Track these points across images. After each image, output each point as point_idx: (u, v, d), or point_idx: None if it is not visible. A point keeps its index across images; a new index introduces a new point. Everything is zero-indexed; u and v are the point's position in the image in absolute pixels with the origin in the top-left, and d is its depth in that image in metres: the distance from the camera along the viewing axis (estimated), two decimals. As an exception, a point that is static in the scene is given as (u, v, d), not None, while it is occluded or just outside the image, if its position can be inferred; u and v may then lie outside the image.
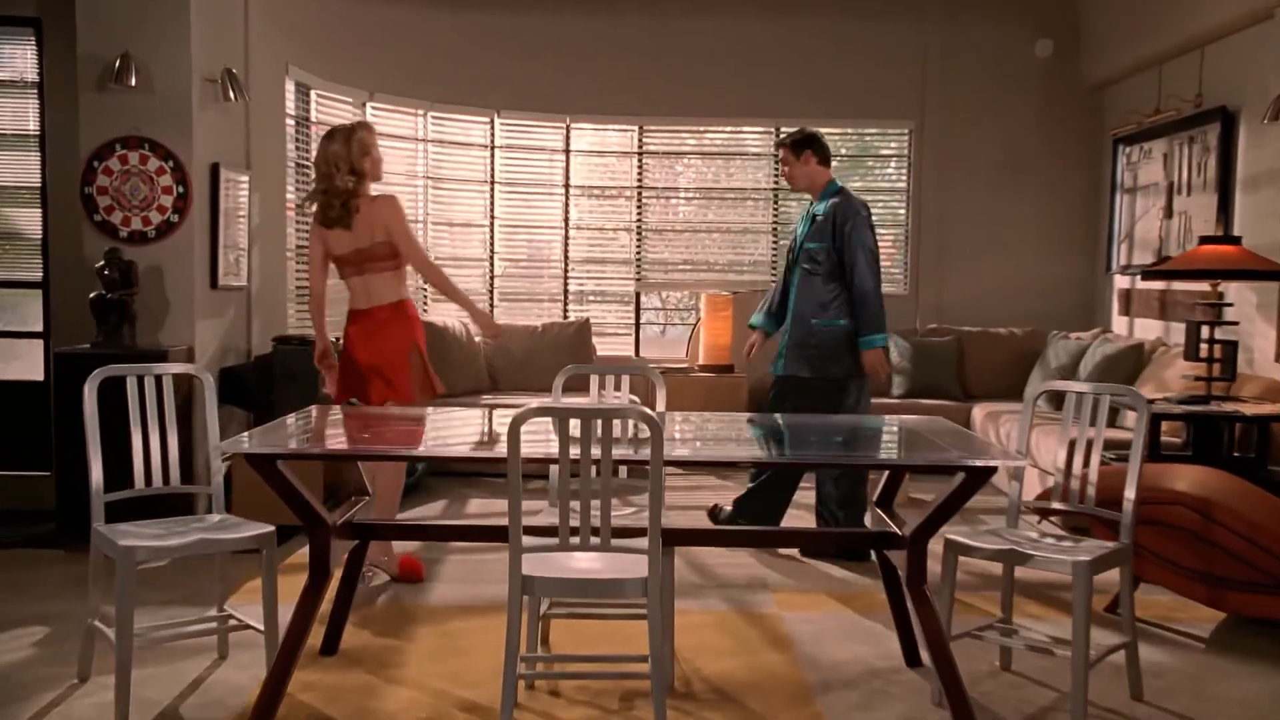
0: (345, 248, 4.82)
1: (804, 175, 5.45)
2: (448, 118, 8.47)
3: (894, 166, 9.07)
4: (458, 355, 7.83)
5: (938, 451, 3.43)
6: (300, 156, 7.35)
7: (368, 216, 4.77)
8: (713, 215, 9.08)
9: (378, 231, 4.78)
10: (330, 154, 4.74)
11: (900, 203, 8.97)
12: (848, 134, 9.04)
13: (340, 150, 4.75)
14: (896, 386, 8.21)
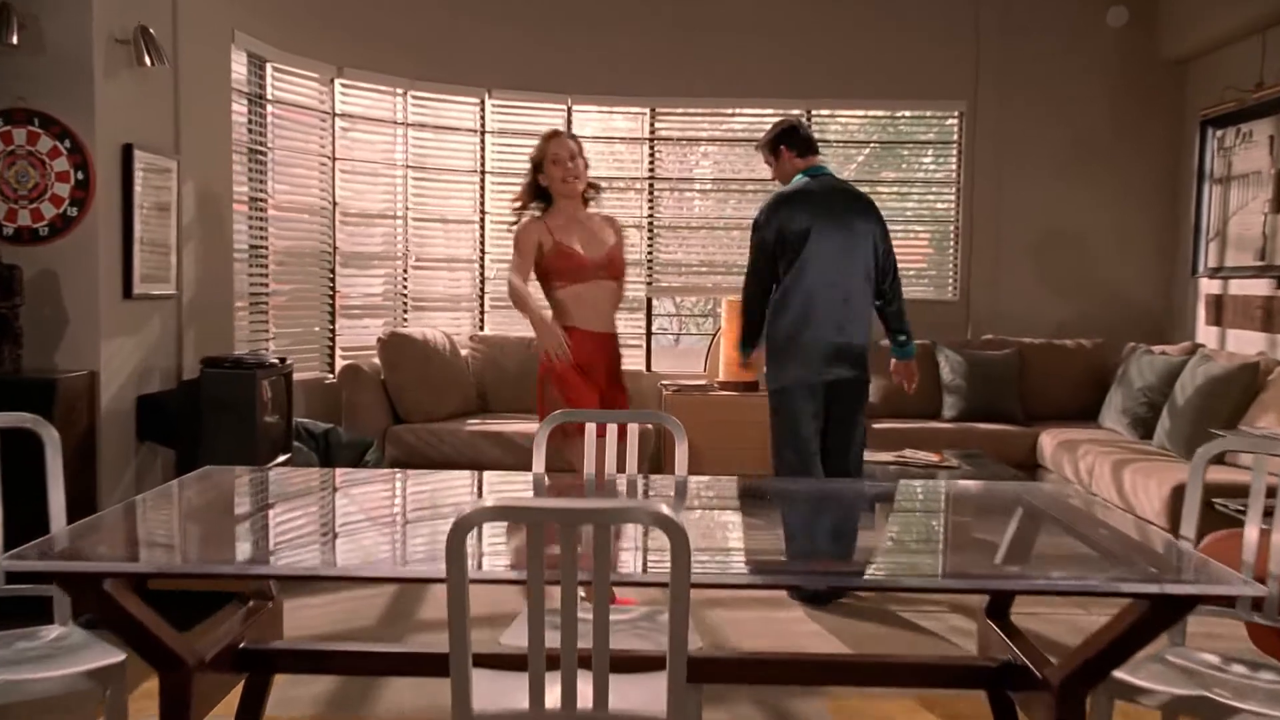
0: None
1: (783, 174, 5.11)
2: (431, 98, 7.38)
3: (932, 155, 7.94)
4: (440, 371, 6.74)
5: (1115, 563, 2.32)
6: (255, 140, 6.27)
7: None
8: (733, 210, 7.98)
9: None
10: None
11: (946, 195, 7.85)
12: (878, 119, 7.92)
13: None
14: (948, 408, 7.10)
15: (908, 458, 5.86)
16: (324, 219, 6.84)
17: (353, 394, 6.47)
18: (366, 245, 7.19)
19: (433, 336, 6.83)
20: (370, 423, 6.45)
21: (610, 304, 4.50)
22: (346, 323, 7.05)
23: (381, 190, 7.25)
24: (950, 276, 7.89)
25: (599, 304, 4.42)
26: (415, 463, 6.41)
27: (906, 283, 7.96)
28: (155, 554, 2.41)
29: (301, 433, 5.88)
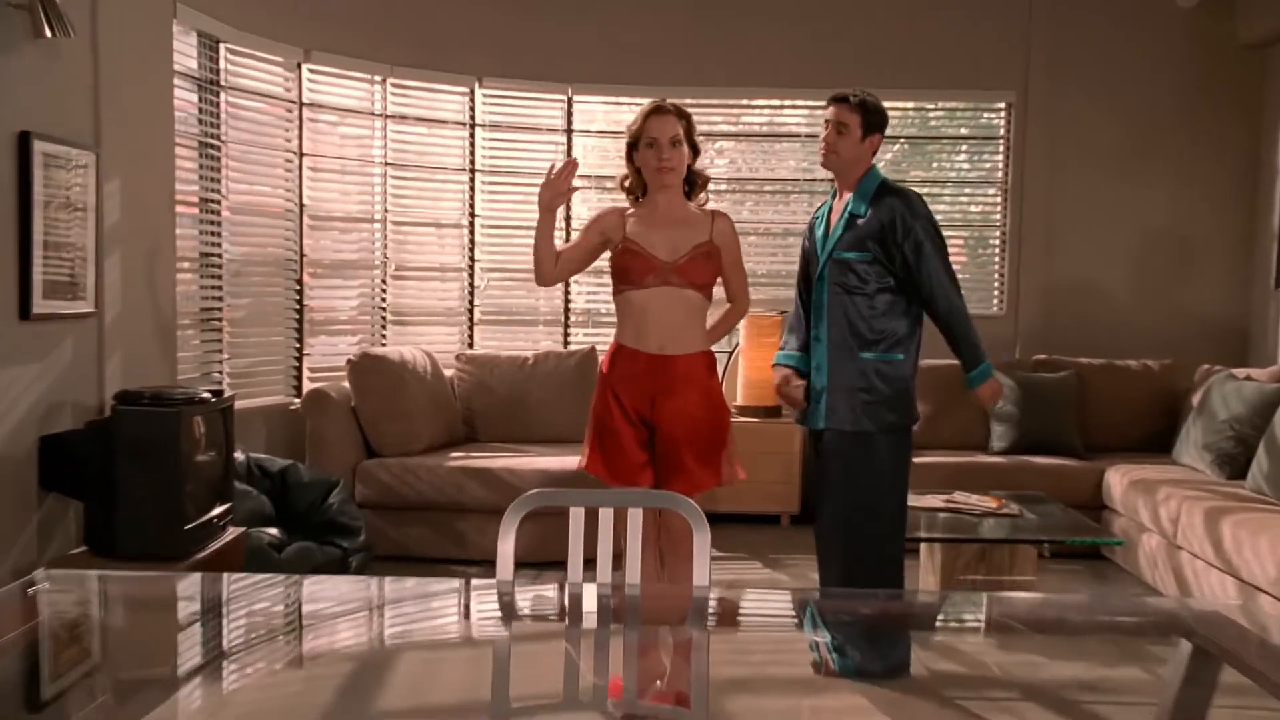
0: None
1: (855, 157, 3.89)
2: (413, 87, 6.56)
3: (967, 152, 7.10)
4: (420, 396, 5.90)
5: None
6: (206, 133, 5.45)
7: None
8: (750, 213, 7.15)
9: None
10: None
11: (984, 196, 7.00)
12: (907, 111, 7.08)
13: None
14: (997, 439, 6.25)
15: (958, 503, 5.01)
16: (289, 223, 6.02)
17: (318, 424, 5.64)
18: (339, 253, 6.36)
19: (412, 356, 5.99)
20: (338, 457, 5.62)
21: (681, 320, 3.74)
22: (316, 341, 6.22)
23: (356, 191, 6.43)
24: (995, 288, 7.04)
25: (662, 317, 3.72)
26: (389, 503, 5.58)
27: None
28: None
29: (253, 471, 5.06)
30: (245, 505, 4.68)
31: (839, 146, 3.86)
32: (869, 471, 3.93)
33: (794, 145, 7.13)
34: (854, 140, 3.86)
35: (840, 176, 3.94)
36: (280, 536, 4.69)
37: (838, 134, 3.84)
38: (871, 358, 3.87)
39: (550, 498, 2.37)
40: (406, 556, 5.58)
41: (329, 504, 5.13)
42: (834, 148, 3.87)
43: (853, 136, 3.85)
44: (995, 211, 7.01)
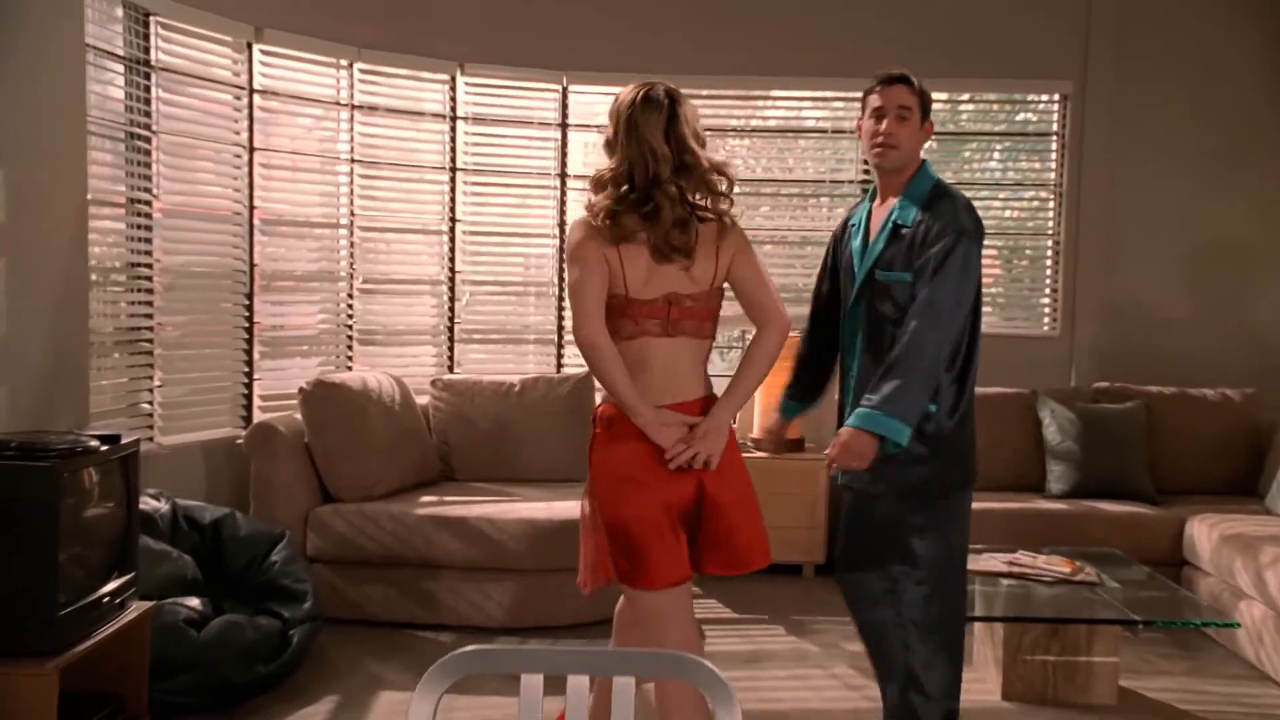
0: (654, 289, 2.82)
1: (911, 149, 3.16)
2: (385, 73, 5.73)
3: (1000, 153, 6.28)
4: (386, 430, 5.07)
5: None
6: (136, 120, 4.64)
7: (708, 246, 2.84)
8: (765, 219, 6.33)
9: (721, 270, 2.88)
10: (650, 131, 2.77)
11: (1032, 200, 6.17)
12: (942, 104, 6.26)
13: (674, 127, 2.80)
14: (1055, 479, 5.41)
15: (1023, 566, 4.18)
16: (236, 227, 5.19)
17: (264, 464, 4.81)
18: (297, 263, 5.53)
19: (377, 383, 5.16)
20: (287, 503, 4.79)
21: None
22: (269, 365, 5.39)
23: (318, 191, 5.60)
24: (1046, 304, 6.20)
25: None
26: (346, 557, 4.74)
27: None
28: None
29: (179, 524, 4.23)
30: (161, 570, 3.84)
31: (902, 138, 3.12)
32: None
33: (816, 142, 6.30)
34: (915, 128, 3.16)
35: (895, 176, 3.18)
36: (202, 609, 3.85)
37: (900, 121, 3.12)
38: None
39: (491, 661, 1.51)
40: (364, 620, 4.74)
41: (270, 562, 4.30)
42: (895, 140, 3.11)
43: (914, 123, 3.15)
44: (1043, 217, 6.17)
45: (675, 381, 2.83)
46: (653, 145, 2.73)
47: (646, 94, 2.78)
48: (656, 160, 2.73)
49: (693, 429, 2.79)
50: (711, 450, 2.78)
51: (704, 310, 2.86)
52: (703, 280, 2.82)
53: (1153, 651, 4.52)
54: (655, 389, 2.81)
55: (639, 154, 2.75)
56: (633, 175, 2.75)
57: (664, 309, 2.79)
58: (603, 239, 2.77)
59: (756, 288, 2.86)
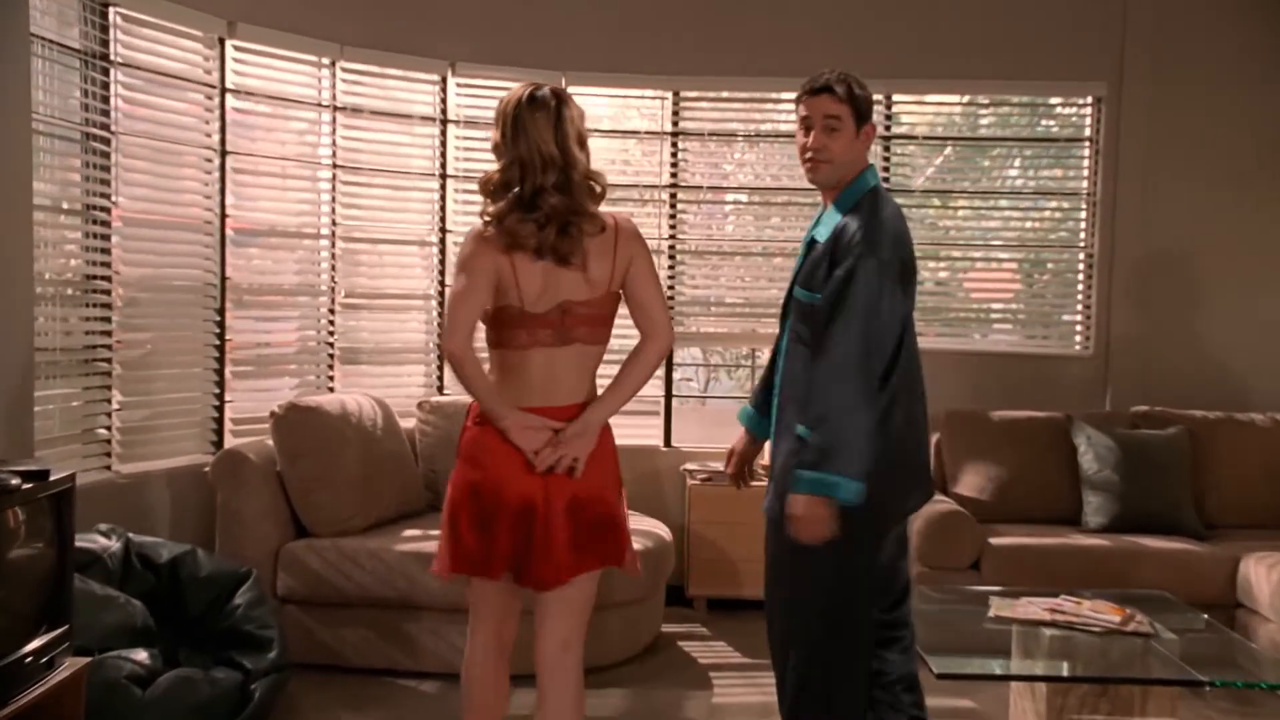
0: (549, 299, 2.78)
1: (852, 159, 2.98)
2: (371, 72, 5.35)
3: (1022, 160, 5.88)
4: (366, 457, 4.66)
5: None
6: (93, 120, 4.27)
7: (604, 248, 2.82)
8: (776, 230, 5.93)
9: (619, 273, 2.85)
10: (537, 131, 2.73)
11: (1064, 211, 5.77)
12: (950, 107, 5.88)
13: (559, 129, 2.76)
14: (1093, 512, 4.99)
15: (1067, 614, 3.74)
16: (207, 237, 4.81)
17: (232, 495, 4.41)
18: (274, 275, 5.15)
19: (357, 406, 4.76)
20: (257, 537, 4.38)
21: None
22: (242, 386, 4.99)
23: (297, 199, 5.22)
24: (1079, 322, 5.79)
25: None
26: (321, 598, 4.34)
27: (980, 327, 5.94)
28: None
29: (133, 564, 3.83)
30: (105, 619, 3.44)
31: (832, 148, 2.92)
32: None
33: (834, 148, 5.89)
34: (848, 137, 2.94)
35: (829, 187, 3.00)
36: (151, 662, 3.44)
37: (828, 132, 2.92)
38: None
39: None
40: (339, 667, 4.34)
41: (233, 606, 3.89)
42: (825, 152, 2.92)
43: (846, 132, 2.93)
44: (1072, 228, 5.76)
45: (555, 386, 2.80)
46: (540, 146, 2.71)
47: (532, 94, 2.75)
48: (543, 161, 2.71)
49: (558, 433, 2.77)
50: (578, 454, 2.77)
51: (599, 316, 2.83)
52: (599, 284, 2.79)
53: (1211, 707, 4.10)
54: (530, 391, 2.79)
55: (527, 155, 2.71)
56: (522, 177, 2.72)
57: (558, 319, 2.77)
58: (495, 248, 2.73)
59: (649, 296, 2.84)
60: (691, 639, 4.97)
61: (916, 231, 5.87)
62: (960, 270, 5.97)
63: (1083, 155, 5.73)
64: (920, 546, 4.66)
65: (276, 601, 4.33)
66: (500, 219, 2.73)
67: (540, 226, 2.71)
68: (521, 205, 2.71)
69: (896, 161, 5.77)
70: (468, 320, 2.73)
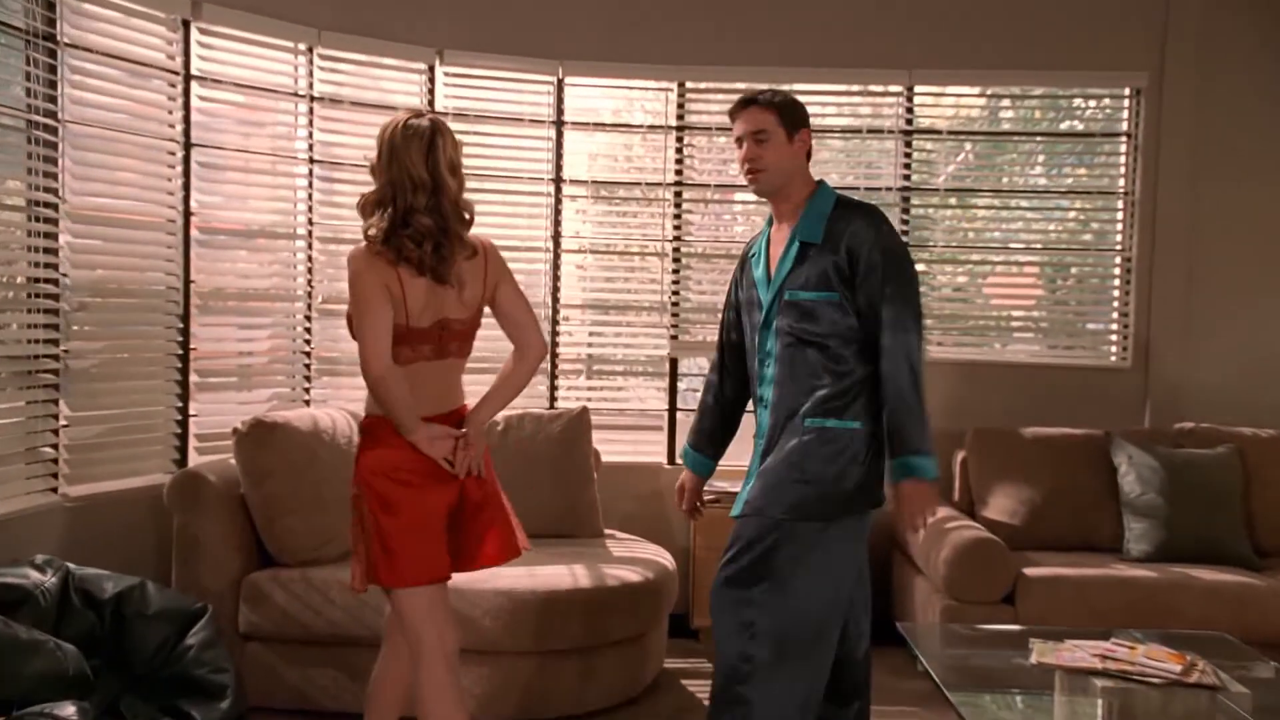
0: (430, 315, 2.94)
1: (790, 167, 3.15)
2: (350, 60, 4.95)
3: (1052, 158, 5.47)
4: (344, 478, 4.24)
5: None
6: (37, 107, 3.88)
7: (476, 270, 3.01)
8: (798, 231, 5.50)
9: (488, 293, 3.06)
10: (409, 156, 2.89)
11: (1092, 211, 5.35)
12: (975, 99, 5.46)
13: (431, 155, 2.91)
14: (1135, 539, 4.57)
15: (1120, 662, 3.32)
16: (169, 236, 4.41)
17: (190, 520, 4.00)
18: (244, 279, 4.75)
19: (331, 423, 4.35)
20: (217, 567, 3.98)
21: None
22: (210, 398, 4.59)
23: (270, 196, 4.82)
24: (1114, 331, 5.37)
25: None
26: (287, 634, 3.93)
27: (1001, 337, 5.52)
28: None
29: (71, 601, 3.42)
30: (31, 667, 3.03)
31: (765, 157, 3.09)
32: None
33: (857, 143, 5.48)
34: (779, 145, 3.10)
35: (779, 199, 3.16)
36: (80, 717, 3.03)
37: (760, 144, 3.09)
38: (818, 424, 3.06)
39: None
40: (307, 710, 3.93)
41: (184, 647, 3.49)
42: (759, 162, 3.09)
43: (776, 140, 3.10)
44: (1105, 229, 5.35)
45: (442, 395, 3.01)
46: (410, 171, 2.85)
47: (408, 121, 2.91)
48: (414, 185, 2.85)
49: (459, 440, 2.98)
50: (477, 457, 3.01)
51: (468, 332, 3.04)
52: (472, 304, 2.99)
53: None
54: (427, 401, 2.96)
55: (398, 178, 2.86)
56: (394, 197, 2.86)
57: (437, 334, 2.93)
58: (384, 264, 2.85)
59: (521, 312, 3.06)
60: (697, 676, 4.55)
61: (934, 234, 5.50)
62: (980, 276, 5.55)
63: (1119, 151, 5.31)
64: (948, 577, 4.25)
65: (238, 639, 3.93)
66: (386, 236, 2.84)
67: (417, 244, 2.84)
68: (396, 224, 2.84)
69: (918, 159, 5.35)
70: (385, 337, 2.83)
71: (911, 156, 5.33)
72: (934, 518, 3.08)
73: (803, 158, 3.14)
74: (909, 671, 4.23)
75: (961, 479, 5.00)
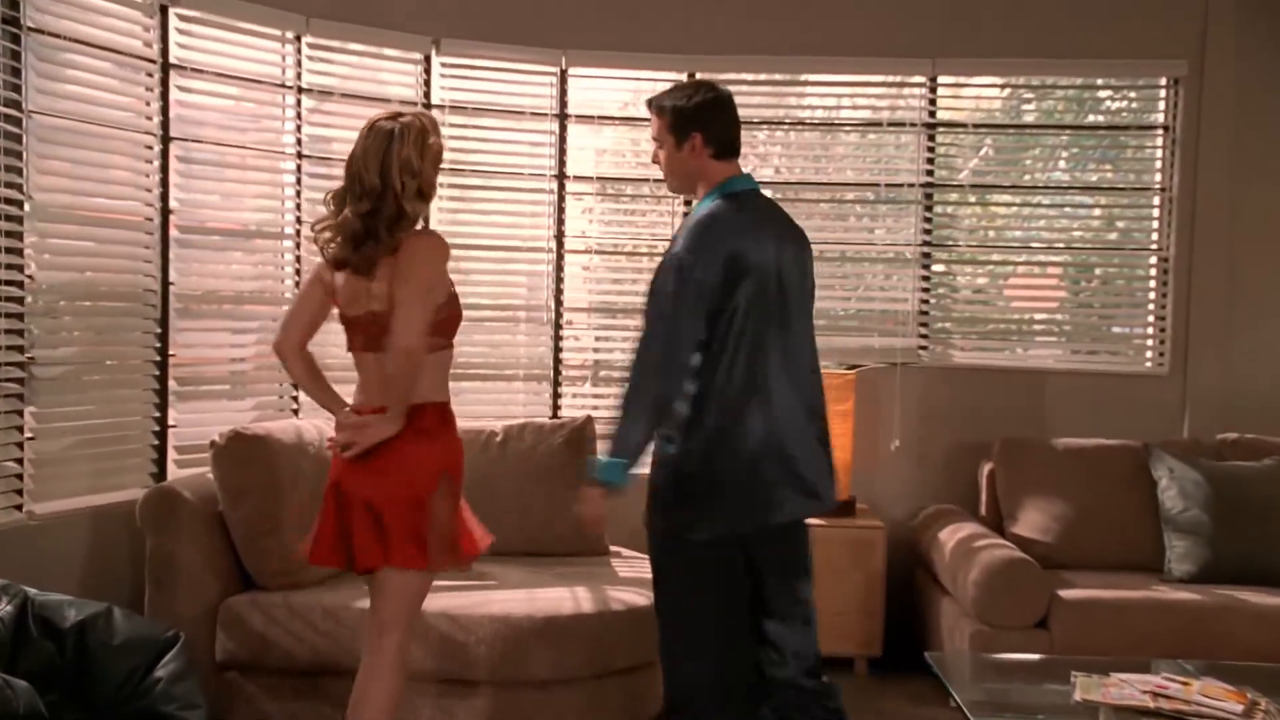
0: (359, 306, 3.02)
1: (686, 172, 3.12)
2: (342, 49, 4.69)
3: (1079, 152, 5.17)
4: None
5: None
6: (3, 93, 3.60)
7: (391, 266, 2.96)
8: (814, 232, 5.22)
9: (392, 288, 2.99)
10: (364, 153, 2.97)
11: (1111, 209, 5.08)
12: (996, 90, 5.17)
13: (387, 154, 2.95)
14: (1178, 559, 4.28)
15: (1174, 700, 3.03)
16: (146, 236, 4.14)
17: (164, 541, 3.73)
18: (228, 281, 4.49)
19: (317, 434, 4.07)
20: (193, 591, 3.70)
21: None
22: (190, 407, 4.32)
23: (255, 192, 4.55)
24: (1150, 335, 5.08)
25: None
26: (268, 663, 3.66)
27: (1023, 341, 5.20)
28: None
29: (29, 630, 3.15)
30: (-25, 708, 2.76)
31: (662, 165, 3.15)
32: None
33: (878, 136, 5.19)
34: (669, 151, 3.09)
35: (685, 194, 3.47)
36: (30, 764, 2.76)
37: (658, 148, 3.14)
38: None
39: None
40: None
41: (151, 680, 3.21)
42: (661, 168, 3.18)
43: (667, 146, 3.09)
44: (1126, 227, 5.06)
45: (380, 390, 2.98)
46: (361, 170, 2.93)
47: (375, 122, 2.98)
48: (361, 183, 2.93)
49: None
50: (351, 439, 2.94)
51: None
52: (384, 299, 2.95)
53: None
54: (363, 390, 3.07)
55: (353, 170, 2.95)
56: (346, 189, 2.97)
57: (366, 326, 2.99)
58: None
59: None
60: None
61: (955, 233, 5.21)
62: (1002, 277, 5.26)
63: (1155, 145, 5.02)
64: (977, 600, 3.96)
65: (215, 668, 3.66)
66: (314, 228, 3.05)
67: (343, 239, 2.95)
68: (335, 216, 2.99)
69: (942, 154, 5.06)
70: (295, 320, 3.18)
71: (935, 152, 5.04)
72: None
73: (704, 162, 3.05)
74: (936, 700, 3.96)
75: (989, 492, 4.71)
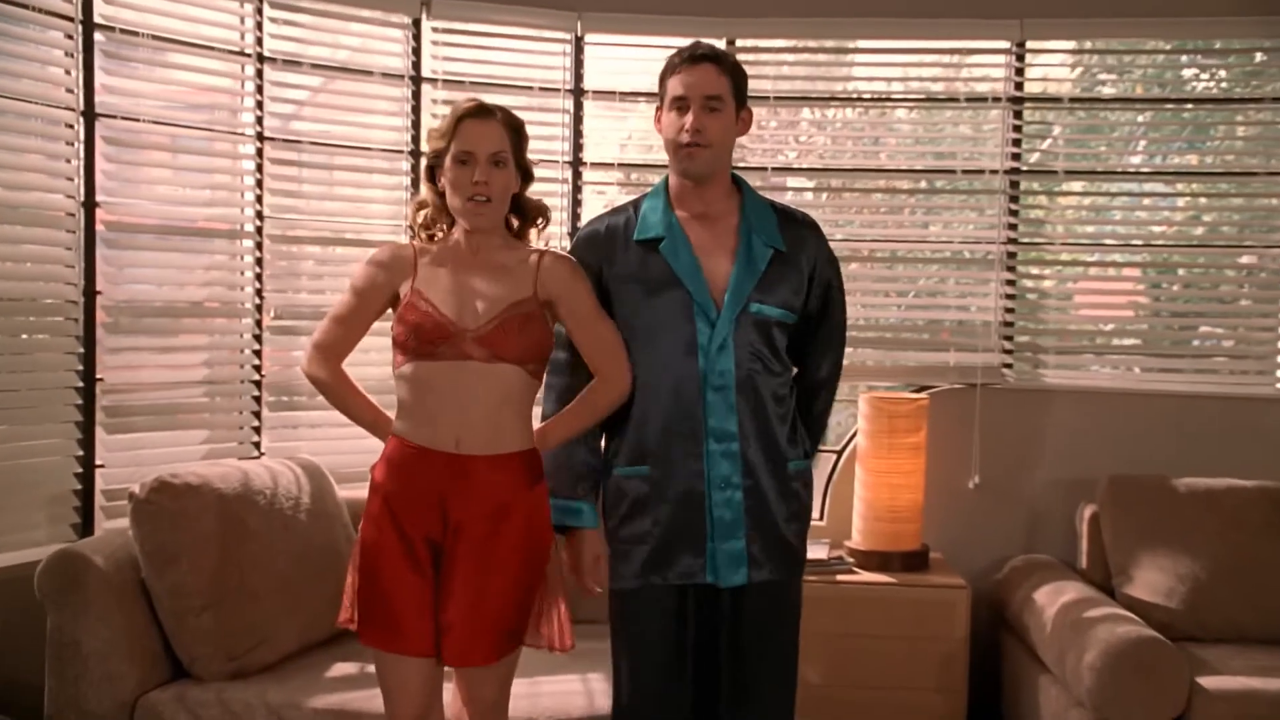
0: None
1: (729, 147, 2.66)
2: (311, 10, 3.93)
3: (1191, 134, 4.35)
4: (285, 552, 3.20)
5: None
6: None
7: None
8: (857, 229, 4.43)
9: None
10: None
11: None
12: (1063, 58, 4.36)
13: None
14: None
15: None
16: (66, 234, 3.40)
17: (68, 620, 2.96)
18: (170, 289, 3.73)
19: (270, 479, 3.29)
20: (104, 683, 2.94)
21: (482, 402, 2.46)
22: (124, 440, 3.56)
23: (206, 183, 3.80)
24: (1270, 347, 4.25)
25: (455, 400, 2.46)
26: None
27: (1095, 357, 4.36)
28: None
29: None
30: None
31: (713, 134, 2.56)
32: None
33: (953, 114, 4.38)
34: (728, 120, 2.60)
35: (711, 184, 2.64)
36: None
37: (710, 114, 2.56)
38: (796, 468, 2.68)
39: None
40: None
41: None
42: (706, 137, 2.56)
43: (726, 114, 2.60)
44: (1233, 219, 4.24)
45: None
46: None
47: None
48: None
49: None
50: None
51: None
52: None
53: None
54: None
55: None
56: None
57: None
58: None
59: None
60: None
61: (1047, 228, 4.40)
62: (1070, 279, 4.42)
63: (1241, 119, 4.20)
64: (1096, 689, 3.14)
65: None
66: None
67: None
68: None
69: (1029, 133, 4.25)
70: None
71: (1022, 130, 4.23)
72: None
73: (734, 142, 2.68)
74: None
75: (1091, 541, 3.89)
